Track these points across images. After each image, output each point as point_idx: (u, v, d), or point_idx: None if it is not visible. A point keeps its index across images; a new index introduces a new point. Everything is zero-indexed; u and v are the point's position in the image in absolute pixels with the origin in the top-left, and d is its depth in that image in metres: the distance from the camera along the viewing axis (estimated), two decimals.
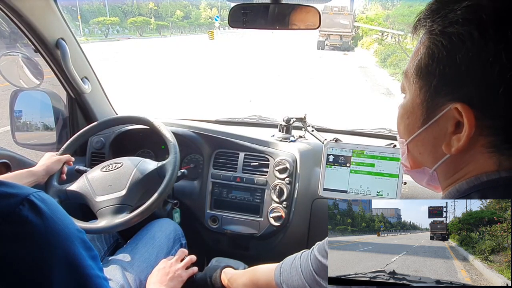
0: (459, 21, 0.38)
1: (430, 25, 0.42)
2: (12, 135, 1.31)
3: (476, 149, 0.41)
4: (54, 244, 0.51)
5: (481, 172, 0.41)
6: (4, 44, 2.24)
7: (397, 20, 12.61)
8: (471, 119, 0.39)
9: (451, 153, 0.42)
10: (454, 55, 0.39)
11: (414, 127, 0.46)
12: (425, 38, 0.43)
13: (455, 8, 0.39)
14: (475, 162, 0.42)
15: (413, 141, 0.48)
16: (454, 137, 0.41)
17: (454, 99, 0.40)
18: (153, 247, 1.06)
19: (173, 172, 1.06)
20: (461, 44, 0.38)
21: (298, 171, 1.23)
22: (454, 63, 0.39)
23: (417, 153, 0.48)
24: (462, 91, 0.40)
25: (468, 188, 0.42)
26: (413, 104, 0.46)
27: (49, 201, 0.52)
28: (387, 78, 10.34)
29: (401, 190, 1.10)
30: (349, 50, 18.35)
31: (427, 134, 0.45)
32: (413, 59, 0.45)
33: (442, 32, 0.40)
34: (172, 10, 37.80)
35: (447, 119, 0.41)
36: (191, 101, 6.76)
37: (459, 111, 0.40)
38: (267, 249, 1.29)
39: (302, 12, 1.00)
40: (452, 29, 0.39)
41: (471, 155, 0.41)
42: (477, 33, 0.37)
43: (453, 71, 0.40)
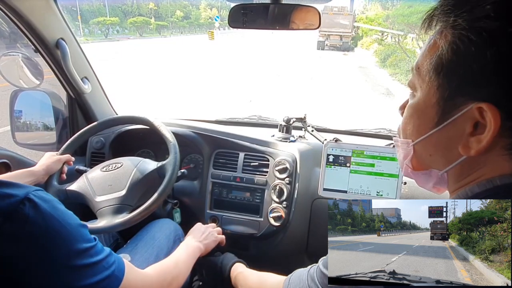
0: (490, 16, 0.37)
1: (454, 19, 0.40)
2: (12, 135, 1.31)
3: (495, 151, 0.39)
4: (55, 242, 0.51)
5: (495, 175, 0.40)
6: (4, 44, 2.24)
7: (397, 20, 12.60)
8: (497, 119, 0.37)
9: (470, 154, 0.40)
10: (483, 51, 0.37)
11: (426, 127, 0.44)
12: (447, 33, 0.41)
13: (482, 3, 0.37)
14: (491, 164, 0.40)
15: (422, 142, 0.46)
16: (472, 138, 0.40)
17: (477, 99, 0.38)
18: (153, 247, 1.05)
19: (173, 172, 1.06)
20: (492, 40, 0.36)
21: (298, 171, 1.23)
22: (482, 60, 0.37)
23: (426, 154, 0.46)
24: (488, 90, 0.38)
25: (480, 192, 0.41)
26: (426, 103, 0.44)
27: (49, 199, 0.53)
28: (387, 78, 10.33)
29: (401, 190, 1.10)
30: (349, 50, 18.34)
31: (440, 135, 0.43)
32: (428, 55, 0.43)
33: (470, 27, 0.38)
34: (172, 10, 37.77)
35: (466, 120, 0.40)
36: (191, 101, 6.76)
37: (481, 111, 0.38)
38: (267, 249, 1.29)
39: (302, 12, 1.00)
40: (482, 23, 0.37)
41: (488, 157, 0.40)
42: (511, 29, 0.36)
43: (481, 69, 0.38)
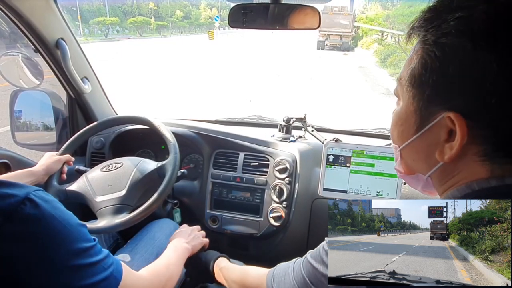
0: (452, 32, 0.39)
1: (424, 34, 0.42)
2: (12, 135, 1.31)
3: (469, 157, 0.41)
4: (55, 242, 0.51)
5: (472, 180, 0.42)
6: (4, 44, 2.24)
7: (397, 20, 12.62)
8: (463, 128, 0.39)
9: (444, 160, 0.43)
10: (447, 66, 0.40)
11: (408, 134, 0.47)
12: (419, 47, 0.43)
13: (448, 18, 0.39)
14: (467, 169, 0.42)
15: (406, 148, 0.48)
16: (447, 145, 0.42)
17: (447, 108, 0.41)
18: (153, 247, 1.05)
19: (173, 172, 1.06)
20: (454, 56, 0.39)
21: (298, 171, 1.23)
22: (446, 74, 0.40)
23: (411, 160, 0.49)
24: (455, 100, 0.40)
25: (460, 196, 0.42)
26: (406, 112, 0.46)
27: (49, 199, 0.53)
28: (387, 78, 10.33)
29: (401, 190, 1.10)
30: (349, 50, 18.34)
31: (420, 141, 0.45)
32: (406, 67, 0.46)
33: (435, 42, 0.40)
34: (172, 10, 37.76)
35: (440, 128, 0.42)
36: (191, 101, 6.76)
37: (451, 120, 0.40)
38: (267, 249, 1.29)
39: (302, 12, 1.00)
40: (445, 40, 0.39)
41: (463, 163, 0.42)
42: (470, 45, 0.37)
43: (446, 82, 0.40)
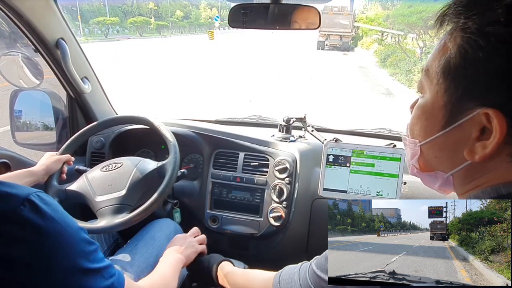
0: (500, 21, 0.36)
1: (464, 22, 0.38)
2: (12, 135, 1.31)
3: (501, 157, 0.39)
4: (55, 245, 0.51)
5: (500, 182, 0.39)
6: (4, 44, 2.23)
7: (397, 20, 12.59)
8: (503, 126, 0.37)
9: (474, 160, 0.40)
10: (491, 58, 0.36)
11: (433, 129, 0.44)
12: (457, 36, 0.40)
13: (494, 6, 0.36)
14: (497, 171, 0.40)
15: (428, 144, 0.46)
16: (478, 143, 0.39)
17: (484, 104, 0.38)
18: (153, 247, 1.05)
19: (173, 172, 1.06)
20: (501, 47, 0.36)
21: (298, 171, 1.23)
22: (490, 67, 0.37)
23: (432, 156, 0.46)
24: (495, 96, 0.37)
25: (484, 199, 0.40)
26: (433, 106, 0.43)
27: (49, 201, 0.52)
28: (387, 78, 10.33)
29: (401, 190, 1.10)
30: (349, 50, 18.33)
31: (447, 138, 0.43)
32: (437, 56, 0.42)
33: (479, 31, 0.37)
34: (172, 10, 37.73)
35: (472, 124, 0.39)
36: (191, 101, 6.76)
37: (487, 117, 0.37)
38: (267, 249, 1.29)
39: (302, 12, 1.00)
40: (492, 29, 0.36)
41: (494, 163, 0.39)
42: None
43: (488, 75, 0.37)
